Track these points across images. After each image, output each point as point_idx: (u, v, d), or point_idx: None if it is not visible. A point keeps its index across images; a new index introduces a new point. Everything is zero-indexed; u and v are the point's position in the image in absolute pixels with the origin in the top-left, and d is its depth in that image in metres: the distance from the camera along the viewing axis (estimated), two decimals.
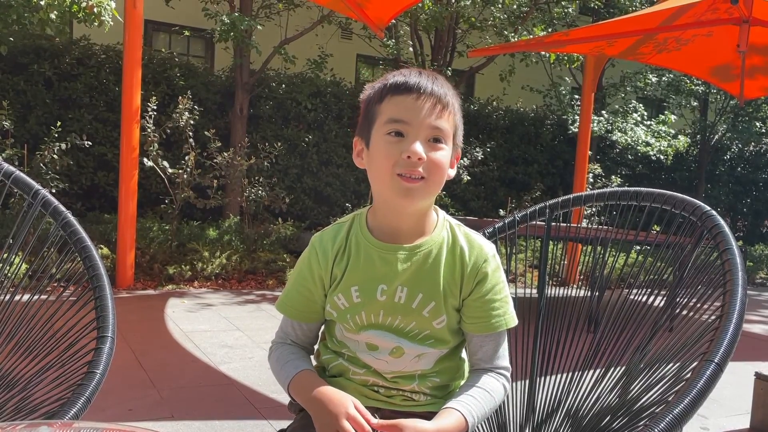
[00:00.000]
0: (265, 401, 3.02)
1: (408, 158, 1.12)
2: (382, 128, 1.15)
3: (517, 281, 1.64)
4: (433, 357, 1.22)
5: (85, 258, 1.45)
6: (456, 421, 1.13)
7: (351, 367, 1.22)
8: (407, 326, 1.19)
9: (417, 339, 1.20)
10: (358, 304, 1.19)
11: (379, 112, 1.17)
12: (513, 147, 10.11)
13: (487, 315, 1.21)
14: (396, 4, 5.04)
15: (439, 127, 1.15)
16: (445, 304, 1.19)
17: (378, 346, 1.20)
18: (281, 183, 7.92)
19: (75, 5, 5.73)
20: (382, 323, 1.19)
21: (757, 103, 11.53)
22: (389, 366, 1.20)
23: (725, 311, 1.19)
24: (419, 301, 1.18)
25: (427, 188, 1.15)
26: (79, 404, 1.19)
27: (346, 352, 1.23)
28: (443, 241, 1.21)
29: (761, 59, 5.88)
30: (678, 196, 1.48)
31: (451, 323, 1.21)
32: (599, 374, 1.43)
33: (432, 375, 1.22)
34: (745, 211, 12.68)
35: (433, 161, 1.14)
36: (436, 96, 1.15)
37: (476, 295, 1.20)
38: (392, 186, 1.14)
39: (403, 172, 1.13)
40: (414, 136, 1.13)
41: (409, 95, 1.14)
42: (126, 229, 5.39)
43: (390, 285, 1.18)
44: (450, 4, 8.51)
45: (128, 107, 5.32)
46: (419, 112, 1.14)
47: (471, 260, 1.20)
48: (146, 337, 4.02)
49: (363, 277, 1.19)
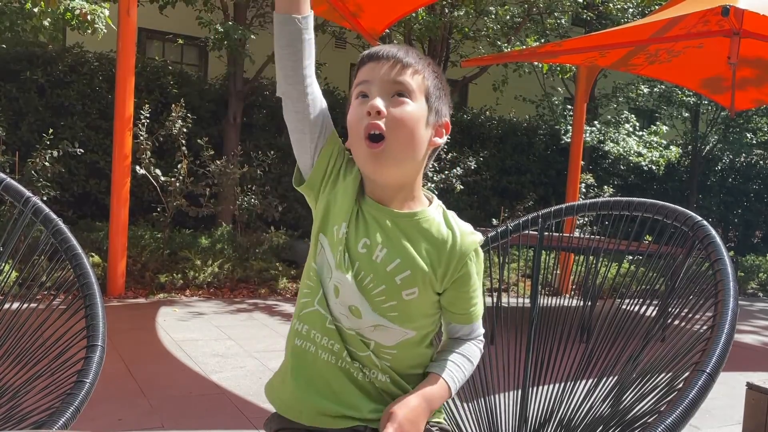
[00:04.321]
0: (257, 411, 3.00)
1: (368, 114, 1.13)
2: (353, 93, 1.18)
3: (509, 291, 1.64)
4: (394, 336, 1.18)
5: (75, 266, 1.44)
6: (440, 387, 1.18)
7: (324, 312, 1.17)
8: (376, 288, 1.16)
9: (380, 307, 1.16)
10: (341, 239, 1.17)
11: (354, 82, 1.19)
12: (506, 157, 10.14)
13: (469, 306, 1.23)
14: (390, 13, 5.06)
15: (400, 81, 1.15)
16: (423, 279, 1.17)
17: (340, 291, 1.16)
18: (274, 191, 7.90)
19: (68, 13, 5.72)
20: (354, 276, 1.16)
21: (748, 114, 11.62)
22: (349, 322, 1.17)
23: (717, 321, 1.20)
24: (395, 266, 1.16)
25: (392, 149, 1.14)
26: (68, 414, 1.18)
27: (320, 296, 1.18)
28: (433, 220, 1.21)
29: (752, 71, 5.94)
30: (670, 207, 1.48)
31: (421, 301, 1.18)
32: (592, 384, 1.43)
33: (389, 350, 1.18)
34: (736, 222, 12.75)
35: (394, 116, 1.14)
36: (399, 58, 1.17)
37: (462, 288, 1.21)
38: (362, 153, 1.15)
39: (366, 131, 1.13)
40: (376, 93, 1.15)
41: (377, 61, 1.17)
42: (117, 237, 5.37)
43: (372, 241, 1.17)
44: (443, 14, 8.56)
45: (121, 115, 5.30)
46: (380, 70, 1.16)
47: (460, 250, 1.19)
48: (137, 346, 4.00)
49: (352, 222, 1.18)
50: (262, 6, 8.27)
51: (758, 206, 12.69)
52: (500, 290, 1.62)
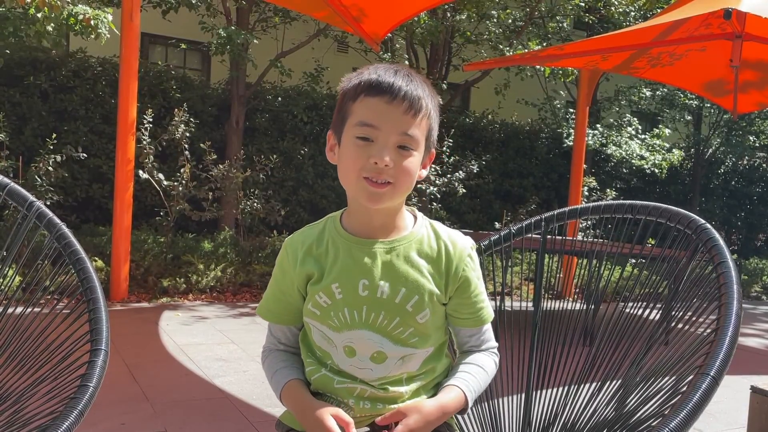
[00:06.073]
0: (260, 415, 3.00)
1: (375, 164, 1.12)
2: (353, 129, 1.14)
3: (512, 294, 1.64)
4: (419, 358, 1.20)
5: (79, 270, 1.44)
6: (456, 397, 1.17)
7: (335, 377, 1.19)
8: (391, 323, 1.17)
9: (401, 339, 1.17)
10: (340, 300, 1.17)
11: (351, 111, 1.15)
12: (508, 160, 10.14)
13: (476, 309, 1.24)
14: (392, 18, 5.07)
15: (409, 135, 1.13)
16: (430, 299, 1.18)
17: (356, 350, 1.17)
18: (277, 195, 7.91)
19: (72, 18, 5.75)
20: (365, 321, 1.16)
21: (751, 117, 11.60)
22: (374, 373, 1.18)
23: (720, 324, 1.19)
24: (402, 296, 1.17)
25: (394, 192, 1.14)
26: (71, 418, 1.18)
27: (330, 364, 1.20)
28: (423, 237, 1.21)
29: (754, 74, 5.94)
30: (673, 210, 1.48)
31: (434, 319, 1.20)
32: (595, 388, 1.43)
33: (419, 376, 1.21)
34: (739, 225, 12.72)
35: (401, 168, 1.13)
36: (409, 100, 1.12)
37: (464, 294, 1.22)
38: (358, 188, 1.14)
39: (369, 176, 1.12)
40: (383, 142, 1.12)
41: (381, 97, 1.12)
42: (120, 242, 5.37)
43: (371, 280, 1.17)
44: (445, 18, 8.57)
45: (124, 119, 5.32)
46: (389, 117, 1.12)
47: (455, 257, 1.21)
48: (140, 351, 4.00)
49: (343, 273, 1.18)
50: (264, 11, 8.30)
51: (761, 209, 12.66)
52: (503, 294, 1.61)
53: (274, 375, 1.23)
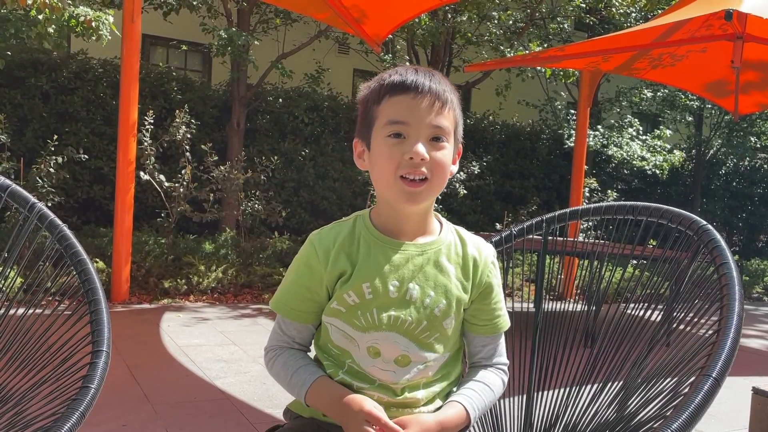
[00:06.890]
0: (261, 416, 3.00)
1: (411, 159, 1.11)
2: (382, 130, 1.14)
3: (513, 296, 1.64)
4: (437, 364, 1.19)
5: (80, 272, 1.44)
6: (458, 414, 1.15)
7: (354, 381, 1.16)
8: (418, 327, 1.16)
9: (426, 343, 1.17)
10: (369, 300, 1.15)
11: (377, 113, 1.15)
12: (509, 161, 10.14)
13: (494, 317, 1.24)
14: (393, 19, 5.08)
15: (440, 126, 1.14)
16: (457, 306, 1.19)
17: (381, 351, 1.15)
18: (278, 197, 7.91)
19: (73, 20, 5.75)
20: (393, 324, 1.15)
21: (752, 118, 11.59)
22: (396, 376, 1.15)
23: (722, 326, 1.19)
24: (431, 300, 1.17)
25: (431, 189, 1.15)
26: (73, 419, 1.18)
27: (349, 363, 1.17)
28: (451, 243, 1.22)
29: (755, 75, 5.94)
30: (674, 211, 1.48)
31: (456, 325, 1.21)
32: (597, 389, 1.43)
33: (435, 382, 1.20)
34: (740, 226, 12.71)
35: (436, 161, 1.13)
36: (435, 93, 1.13)
37: (485, 300, 1.22)
38: (396, 189, 1.14)
39: (406, 174, 1.12)
40: (415, 136, 1.12)
41: (406, 95, 1.13)
42: (122, 243, 5.38)
43: (402, 282, 1.16)
44: (446, 19, 8.58)
45: (125, 121, 5.32)
46: (418, 112, 1.13)
47: (481, 264, 1.22)
48: (141, 352, 4.00)
49: (375, 273, 1.16)
50: (265, 12, 8.31)
51: (763, 210, 12.65)
52: (504, 295, 1.62)
53: (295, 373, 1.18)
